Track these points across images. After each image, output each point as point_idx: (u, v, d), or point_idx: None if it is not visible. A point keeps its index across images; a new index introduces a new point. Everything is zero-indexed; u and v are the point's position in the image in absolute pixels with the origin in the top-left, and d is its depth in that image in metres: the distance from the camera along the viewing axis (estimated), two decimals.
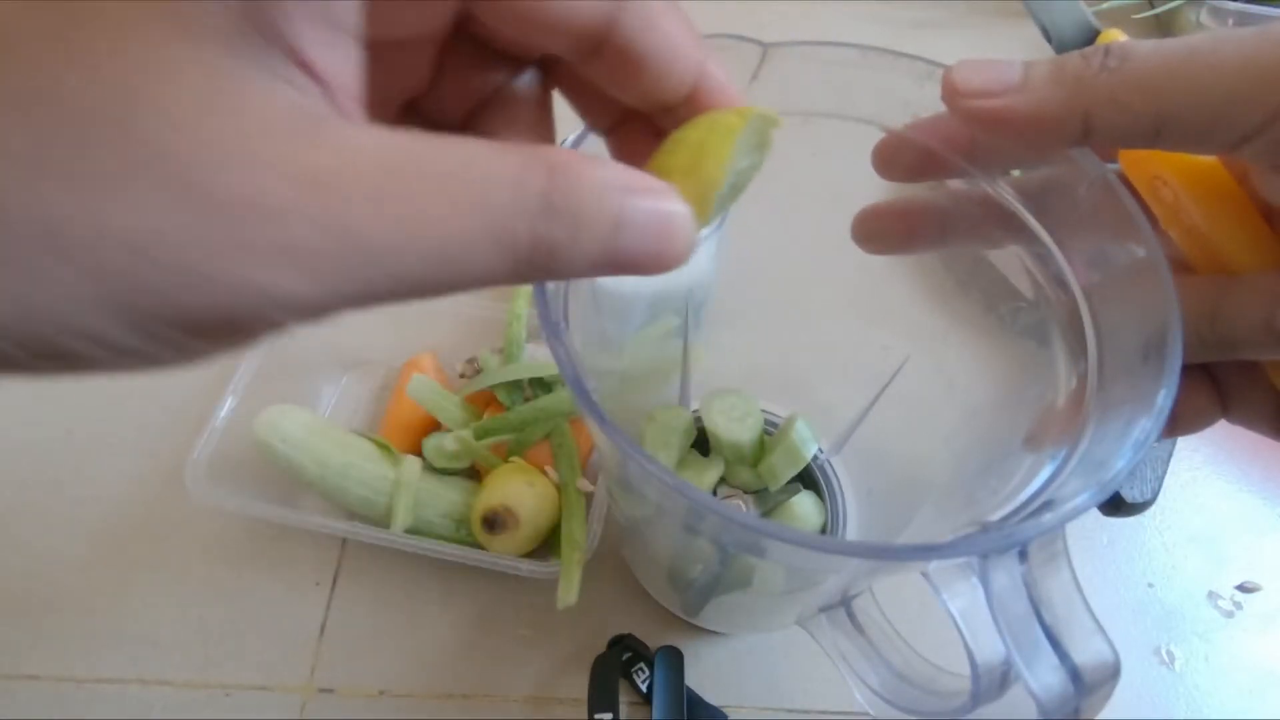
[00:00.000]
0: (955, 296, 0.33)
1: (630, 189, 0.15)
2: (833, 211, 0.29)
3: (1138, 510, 0.46)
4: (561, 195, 0.14)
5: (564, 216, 0.14)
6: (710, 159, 0.17)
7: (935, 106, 0.24)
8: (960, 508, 0.28)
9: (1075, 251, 0.25)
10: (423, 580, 0.44)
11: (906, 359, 0.38)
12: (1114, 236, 0.23)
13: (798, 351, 0.42)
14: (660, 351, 0.43)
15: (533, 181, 0.13)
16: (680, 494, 0.20)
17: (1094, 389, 0.23)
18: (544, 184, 0.13)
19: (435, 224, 0.12)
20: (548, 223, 0.13)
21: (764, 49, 0.26)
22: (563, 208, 0.14)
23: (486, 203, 0.13)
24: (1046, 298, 0.26)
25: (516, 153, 0.14)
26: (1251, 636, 0.45)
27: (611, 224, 0.14)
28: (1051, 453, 0.23)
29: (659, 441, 0.41)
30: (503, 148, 0.14)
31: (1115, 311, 0.24)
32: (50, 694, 0.40)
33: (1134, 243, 0.23)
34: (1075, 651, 0.19)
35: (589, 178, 0.14)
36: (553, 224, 0.13)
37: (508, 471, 0.43)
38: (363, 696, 0.41)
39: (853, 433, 0.43)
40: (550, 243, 0.14)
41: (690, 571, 0.36)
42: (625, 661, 0.40)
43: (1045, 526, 0.20)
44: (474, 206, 0.13)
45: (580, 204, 0.14)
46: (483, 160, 0.13)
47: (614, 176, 0.14)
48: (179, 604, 0.43)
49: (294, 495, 0.45)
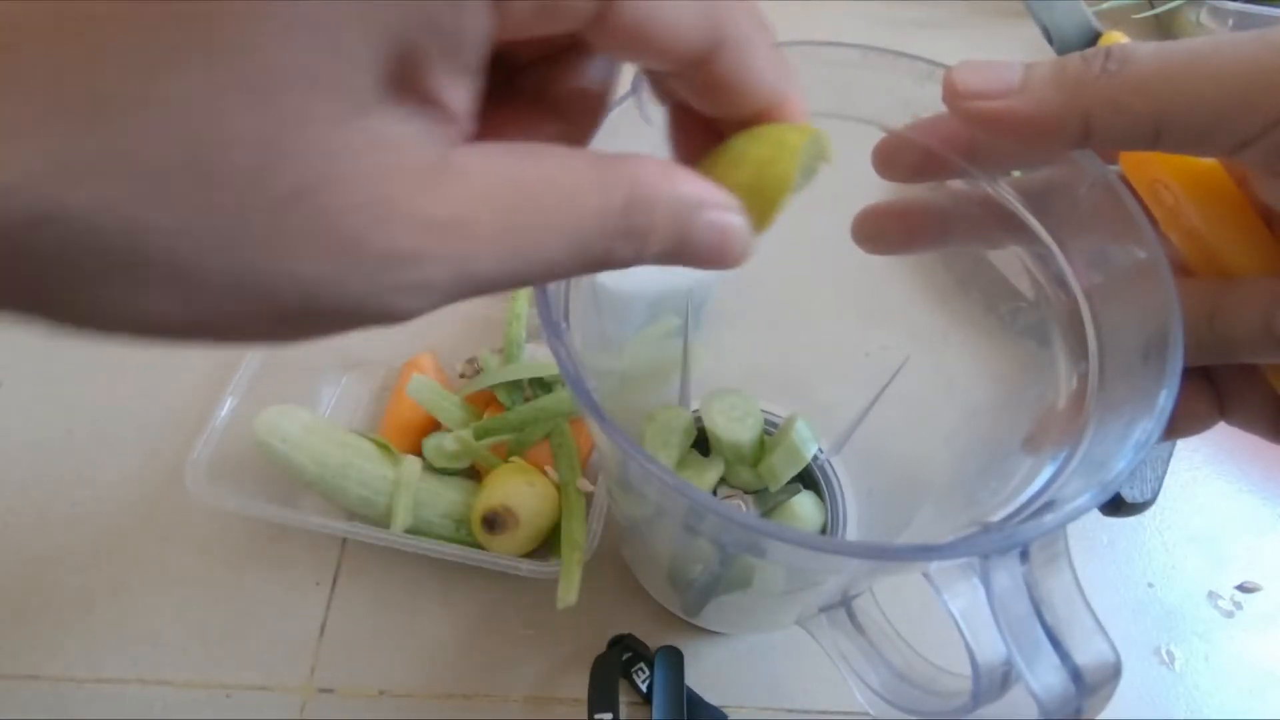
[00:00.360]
0: (956, 297, 0.33)
1: (702, 204, 0.16)
2: (833, 211, 0.29)
3: (1138, 510, 0.46)
4: (640, 216, 0.15)
5: (637, 236, 0.16)
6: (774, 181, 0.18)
7: (936, 106, 0.24)
8: (961, 508, 0.28)
9: (1076, 252, 0.25)
10: (423, 580, 0.44)
11: (907, 359, 0.38)
12: (1115, 237, 0.23)
13: (798, 351, 0.42)
14: (661, 351, 0.43)
15: (614, 204, 0.15)
16: (680, 494, 0.20)
17: (1095, 390, 0.23)
18: (624, 204, 0.15)
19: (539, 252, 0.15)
20: (624, 240, 0.15)
21: None
22: (639, 229, 0.15)
23: (576, 229, 0.15)
24: (1047, 298, 0.26)
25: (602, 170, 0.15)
26: (1251, 636, 0.45)
27: (679, 237, 0.16)
28: (1052, 454, 0.23)
29: (659, 441, 0.41)
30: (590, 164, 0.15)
31: (1116, 312, 0.24)
32: (50, 694, 0.40)
33: (1135, 244, 0.23)
34: (1076, 652, 0.19)
35: (666, 196, 0.16)
36: (628, 241, 0.15)
37: (508, 471, 0.43)
38: (363, 696, 0.41)
39: (853, 433, 0.43)
40: (621, 255, 0.16)
41: (690, 571, 0.36)
42: (625, 661, 0.40)
43: (1046, 527, 0.20)
44: (570, 236, 0.15)
45: (653, 224, 0.16)
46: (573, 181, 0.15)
47: (688, 192, 0.16)
48: (179, 604, 0.43)
49: (294, 495, 0.45)
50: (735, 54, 0.17)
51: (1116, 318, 0.24)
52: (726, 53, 0.17)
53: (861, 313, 0.38)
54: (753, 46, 0.17)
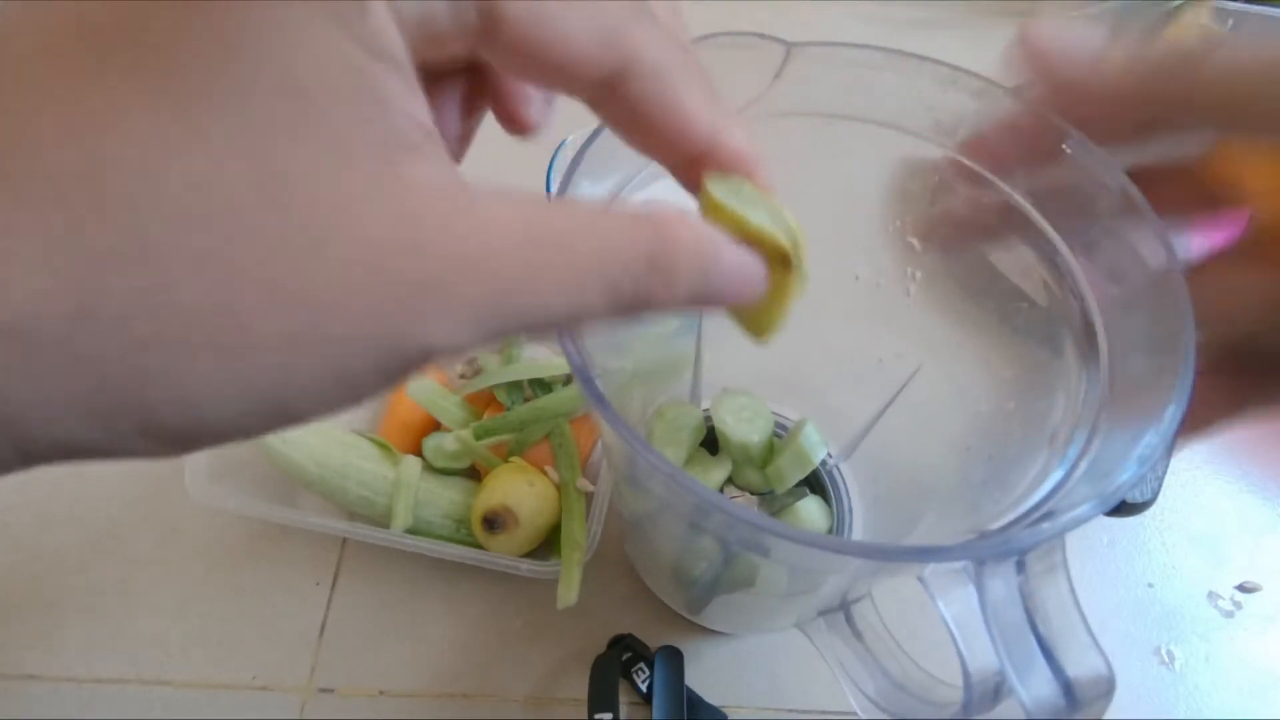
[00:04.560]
0: (970, 306, 0.32)
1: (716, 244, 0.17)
2: (849, 215, 0.29)
3: (1138, 510, 0.46)
4: (664, 257, 0.16)
5: (663, 273, 0.16)
6: None
7: (957, 111, 0.24)
8: (963, 516, 0.28)
9: (1094, 263, 0.25)
10: (423, 580, 0.44)
11: (919, 367, 0.38)
12: (1134, 249, 0.23)
13: (811, 355, 0.42)
14: (669, 350, 0.42)
15: (641, 245, 0.15)
16: (685, 489, 0.20)
17: (1104, 401, 0.23)
18: (650, 248, 0.15)
19: (565, 293, 0.15)
20: (649, 278, 0.16)
21: (788, 49, 0.25)
22: (663, 266, 0.16)
23: (604, 273, 0.15)
24: (1062, 309, 0.26)
25: (625, 216, 0.16)
26: (1251, 636, 0.44)
27: (701, 276, 0.16)
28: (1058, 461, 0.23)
29: (667, 438, 0.40)
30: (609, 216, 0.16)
31: (1131, 324, 0.24)
32: (50, 694, 0.40)
33: (1153, 256, 0.23)
34: (1069, 665, 0.19)
35: (685, 238, 0.16)
36: (654, 279, 0.16)
37: (508, 471, 0.43)
38: (363, 696, 0.41)
39: (863, 439, 0.43)
40: (649, 293, 0.16)
41: (694, 569, 0.36)
42: (625, 661, 0.40)
43: (1043, 535, 0.20)
44: (594, 277, 0.15)
45: (677, 263, 0.16)
46: (599, 226, 0.15)
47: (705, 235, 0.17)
48: (179, 604, 0.43)
49: (294, 495, 0.45)
50: (650, 83, 0.17)
51: (1131, 329, 0.24)
52: (638, 80, 0.16)
53: (875, 319, 0.37)
54: (669, 72, 0.17)
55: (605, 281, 0.15)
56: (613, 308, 0.15)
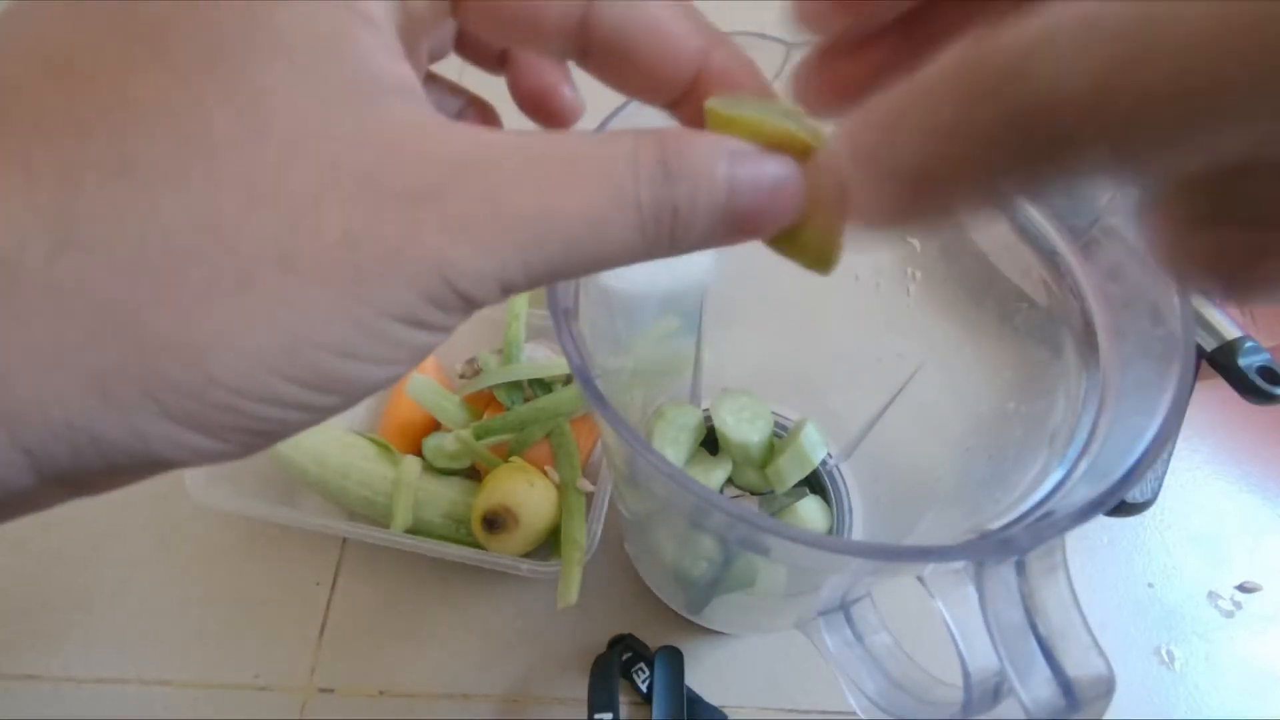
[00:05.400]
0: (970, 306, 0.32)
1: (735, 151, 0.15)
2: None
3: (1138, 510, 0.46)
4: (676, 160, 0.14)
5: (681, 180, 0.14)
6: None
7: None
8: (964, 516, 0.28)
9: (1093, 263, 0.25)
10: (423, 580, 0.44)
11: (920, 367, 0.38)
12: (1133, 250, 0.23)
13: (811, 355, 0.42)
14: (669, 350, 0.42)
15: (647, 153, 0.14)
16: (685, 489, 0.20)
17: (1105, 401, 0.23)
18: (658, 154, 0.14)
19: (572, 196, 0.14)
20: (668, 187, 0.14)
21: (787, 48, 0.25)
22: (679, 171, 0.14)
23: (611, 176, 0.14)
24: (1062, 309, 0.26)
25: (626, 133, 0.15)
26: (1251, 636, 0.44)
27: (726, 186, 0.15)
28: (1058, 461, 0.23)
29: (667, 438, 0.40)
30: (610, 132, 0.15)
31: (1130, 324, 0.24)
32: (50, 694, 0.40)
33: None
34: (1069, 665, 0.19)
35: (697, 144, 0.15)
36: (673, 188, 0.14)
37: (508, 471, 0.43)
38: (363, 696, 0.41)
39: (863, 439, 0.43)
40: (672, 204, 0.14)
41: (694, 568, 0.36)
42: (625, 661, 0.40)
43: (1042, 535, 0.20)
44: (601, 180, 0.14)
45: (694, 166, 0.15)
46: (598, 142, 0.14)
47: (719, 142, 0.15)
48: (179, 604, 0.43)
49: (294, 495, 0.45)
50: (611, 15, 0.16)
51: (1131, 329, 0.24)
52: (601, 15, 0.16)
53: (876, 320, 0.37)
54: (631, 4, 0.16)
55: (620, 195, 0.14)
56: (636, 226, 0.14)
